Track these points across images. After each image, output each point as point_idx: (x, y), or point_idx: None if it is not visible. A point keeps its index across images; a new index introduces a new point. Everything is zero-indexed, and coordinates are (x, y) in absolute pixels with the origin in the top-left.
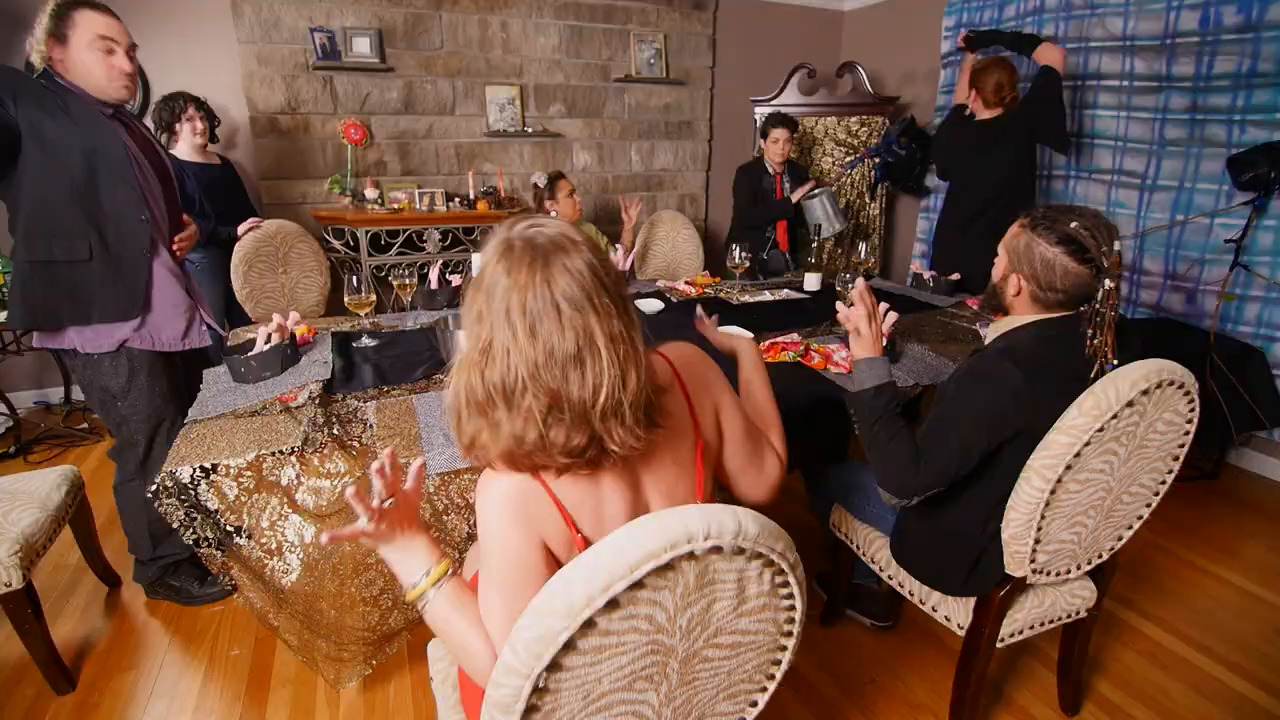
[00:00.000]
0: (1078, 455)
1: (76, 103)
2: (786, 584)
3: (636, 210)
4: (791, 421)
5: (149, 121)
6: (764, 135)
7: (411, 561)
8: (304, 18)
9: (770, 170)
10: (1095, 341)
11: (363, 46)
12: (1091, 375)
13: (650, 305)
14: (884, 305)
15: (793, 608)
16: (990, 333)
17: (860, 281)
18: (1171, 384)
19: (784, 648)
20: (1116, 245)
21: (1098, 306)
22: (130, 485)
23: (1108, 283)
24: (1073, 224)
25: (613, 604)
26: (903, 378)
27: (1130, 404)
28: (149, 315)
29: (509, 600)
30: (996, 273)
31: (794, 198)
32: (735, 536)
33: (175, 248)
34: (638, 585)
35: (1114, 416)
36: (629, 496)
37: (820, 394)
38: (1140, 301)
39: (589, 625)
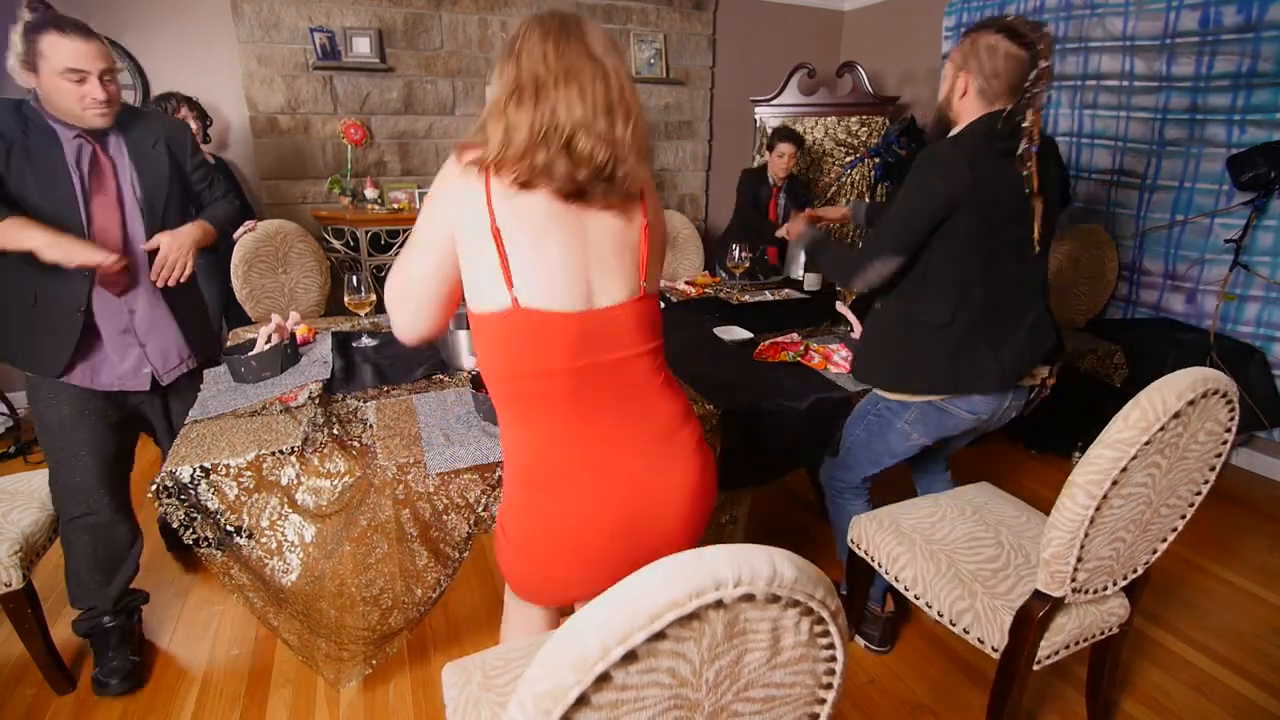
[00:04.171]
0: (1124, 470)
1: (40, 141)
2: (827, 633)
3: None
4: (793, 421)
5: None
6: (770, 148)
7: None
8: (304, 18)
9: (771, 181)
10: (1026, 124)
11: (363, 46)
12: (1019, 153)
13: None
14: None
15: (833, 658)
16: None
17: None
18: (1216, 393)
19: (823, 700)
20: (1045, 29)
21: (1030, 86)
22: None
23: (1042, 63)
24: (1008, 16)
25: (630, 656)
26: None
27: (1177, 415)
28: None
29: (404, 259)
30: (944, 88)
31: (780, 232)
32: (769, 583)
33: (155, 278)
34: (659, 636)
35: (1161, 429)
36: (573, 224)
37: (820, 394)
38: (1140, 301)
39: (604, 679)
